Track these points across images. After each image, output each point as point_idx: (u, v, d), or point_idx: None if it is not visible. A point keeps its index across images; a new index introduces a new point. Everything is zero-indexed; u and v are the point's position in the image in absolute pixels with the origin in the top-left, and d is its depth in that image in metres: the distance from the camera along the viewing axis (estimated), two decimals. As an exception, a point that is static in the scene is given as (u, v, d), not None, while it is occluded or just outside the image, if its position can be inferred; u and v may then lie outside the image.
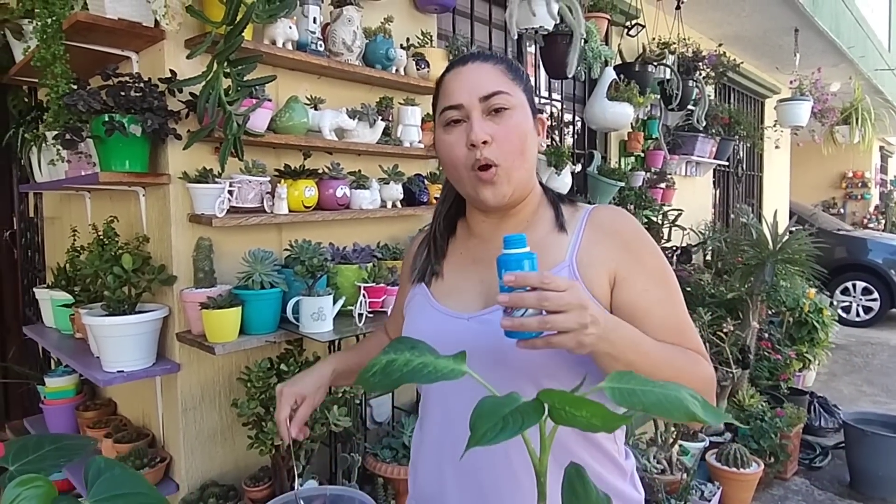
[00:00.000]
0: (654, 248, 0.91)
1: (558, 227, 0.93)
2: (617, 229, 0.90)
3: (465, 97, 0.88)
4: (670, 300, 0.88)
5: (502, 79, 0.89)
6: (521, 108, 0.90)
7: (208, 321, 1.57)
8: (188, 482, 1.75)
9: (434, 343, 0.96)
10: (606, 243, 0.89)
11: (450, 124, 0.90)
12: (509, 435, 0.45)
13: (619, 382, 0.52)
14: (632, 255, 0.88)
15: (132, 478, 0.75)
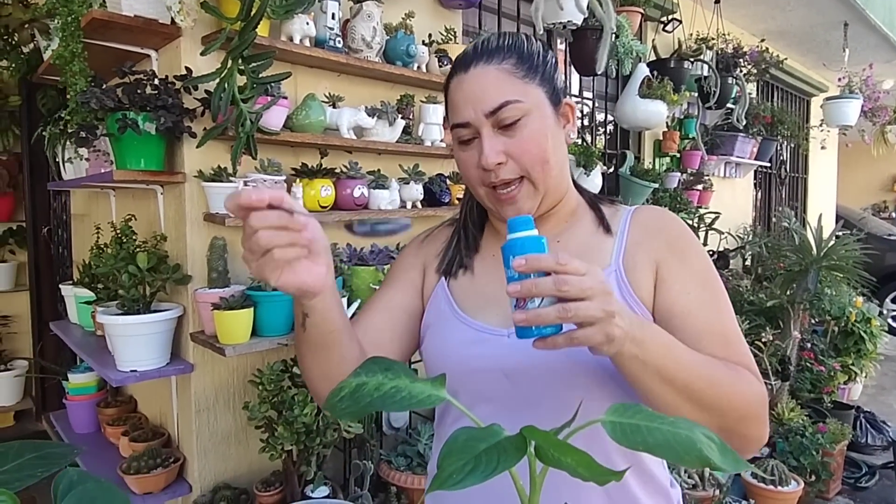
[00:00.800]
0: (699, 249, 0.83)
1: (603, 229, 0.85)
2: (661, 227, 0.84)
3: (471, 114, 0.78)
4: (715, 304, 0.79)
5: (510, 82, 0.78)
6: (538, 108, 0.79)
7: (220, 322, 1.55)
8: (201, 483, 1.73)
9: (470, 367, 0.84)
10: (650, 243, 0.82)
11: (462, 142, 0.81)
12: (479, 478, 0.38)
13: (622, 416, 0.45)
14: (675, 254, 0.81)
15: (106, 491, 0.71)
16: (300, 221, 0.60)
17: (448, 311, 0.88)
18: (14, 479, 0.72)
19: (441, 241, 0.96)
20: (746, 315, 3.39)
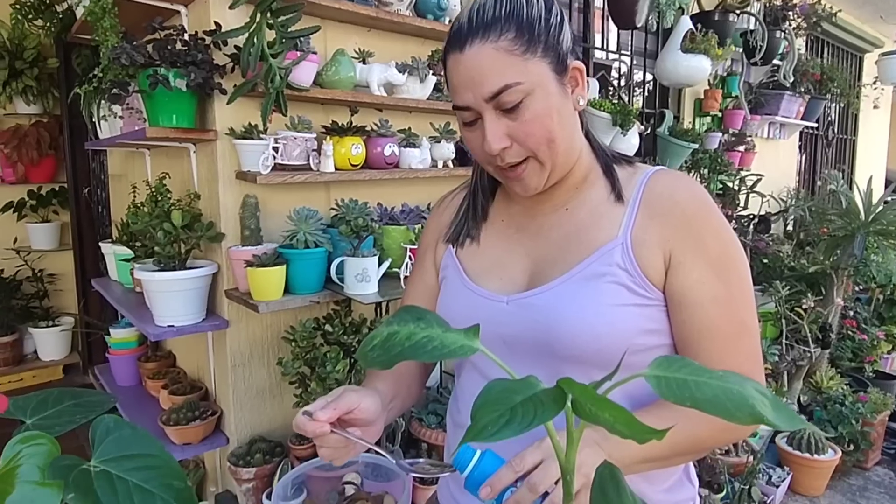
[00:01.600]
0: (719, 227, 0.76)
1: (615, 196, 0.80)
2: (677, 201, 0.76)
3: (471, 98, 0.73)
4: (730, 297, 0.74)
5: (509, 62, 0.71)
6: (541, 86, 0.73)
7: (253, 279, 1.56)
8: (237, 436, 1.78)
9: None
10: (663, 218, 0.76)
11: (466, 123, 0.77)
12: (516, 431, 0.37)
13: (667, 370, 0.43)
14: (691, 235, 0.75)
15: (142, 438, 0.72)
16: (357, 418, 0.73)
17: (455, 278, 0.88)
18: (54, 425, 0.74)
19: (455, 208, 0.95)
20: (787, 281, 3.29)
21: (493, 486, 0.62)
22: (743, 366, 0.73)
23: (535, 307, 0.78)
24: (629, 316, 0.74)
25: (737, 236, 0.79)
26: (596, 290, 0.75)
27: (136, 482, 0.67)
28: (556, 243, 0.81)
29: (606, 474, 0.45)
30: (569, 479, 0.47)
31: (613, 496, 0.44)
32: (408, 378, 0.91)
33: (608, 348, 0.73)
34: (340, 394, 0.74)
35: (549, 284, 0.78)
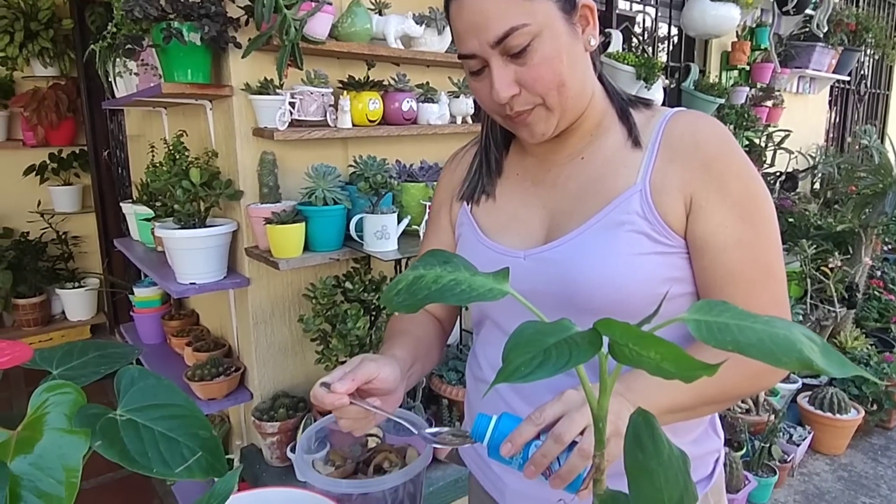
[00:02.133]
0: (742, 168, 0.73)
1: (632, 142, 0.77)
2: (698, 142, 0.73)
3: (475, 45, 0.70)
4: (754, 240, 0.72)
5: (512, 3, 0.68)
6: (548, 27, 0.69)
7: (272, 236, 1.56)
8: (261, 392, 1.81)
9: None
10: (683, 160, 0.73)
11: (473, 72, 0.74)
12: (549, 372, 0.35)
13: (708, 314, 0.40)
14: (712, 177, 0.71)
15: (167, 389, 0.72)
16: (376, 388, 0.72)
17: (471, 236, 0.86)
18: (79, 376, 0.75)
19: (468, 164, 0.92)
20: (813, 240, 3.22)
21: (514, 442, 0.61)
22: (769, 312, 0.71)
23: (553, 261, 0.76)
24: (650, 265, 0.72)
25: (761, 177, 0.75)
26: (615, 239, 0.73)
27: (162, 431, 0.68)
28: (573, 194, 0.79)
29: (641, 422, 0.44)
30: (601, 426, 0.46)
31: (649, 444, 0.43)
32: (427, 342, 0.90)
33: (630, 299, 0.71)
34: (359, 363, 0.72)
35: (567, 237, 0.76)
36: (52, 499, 0.58)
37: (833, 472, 2.65)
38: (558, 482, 0.60)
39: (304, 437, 1.01)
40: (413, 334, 0.89)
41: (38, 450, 0.60)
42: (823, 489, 2.53)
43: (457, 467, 1.69)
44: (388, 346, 0.85)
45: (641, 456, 0.42)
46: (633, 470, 0.42)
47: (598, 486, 0.47)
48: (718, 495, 0.85)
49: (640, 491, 0.42)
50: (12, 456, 0.58)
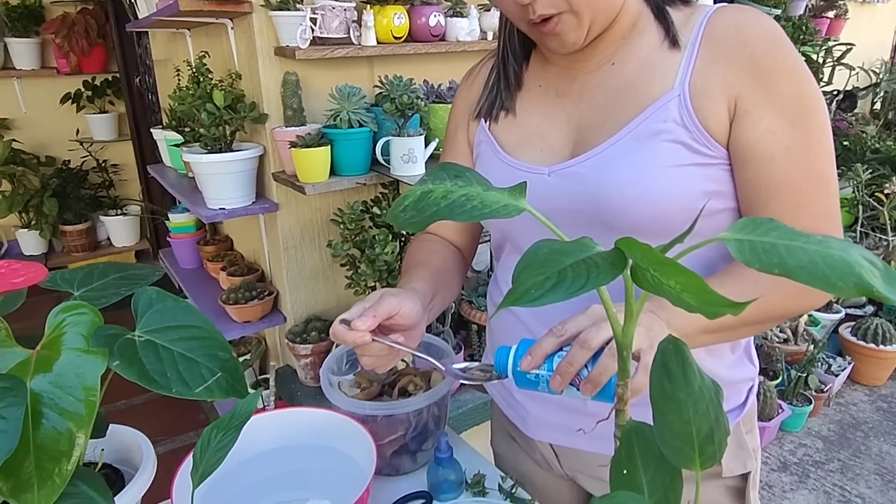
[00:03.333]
0: (794, 67, 0.65)
1: (669, 42, 0.69)
2: (744, 39, 0.65)
3: None
4: (805, 147, 0.65)
5: None
6: None
7: (298, 160, 1.53)
8: (294, 315, 1.84)
9: None
10: (728, 60, 0.65)
11: None
12: (563, 295, 0.32)
13: (752, 233, 0.36)
14: (760, 77, 0.64)
15: (186, 310, 0.72)
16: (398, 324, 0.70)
17: (490, 153, 0.80)
18: (99, 297, 0.75)
19: (484, 79, 0.84)
20: (869, 164, 3.02)
21: (534, 354, 0.58)
22: (819, 226, 0.65)
23: (580, 176, 0.71)
24: (689, 177, 0.66)
25: (814, 78, 0.67)
26: (650, 150, 0.67)
27: (181, 352, 0.68)
28: (602, 104, 0.72)
29: (670, 349, 0.40)
30: (625, 354, 0.43)
31: (678, 373, 0.39)
32: (446, 273, 0.87)
33: (666, 215, 0.66)
34: (378, 298, 0.70)
35: (596, 150, 0.70)
36: (72, 416, 0.59)
37: (872, 402, 2.60)
38: (589, 387, 0.57)
39: (329, 359, 1.02)
40: (432, 265, 0.85)
41: (56, 369, 0.60)
42: (860, 419, 2.50)
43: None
44: (407, 278, 0.82)
45: (669, 386, 0.39)
46: (660, 400, 0.39)
47: (620, 417, 0.45)
48: (750, 424, 0.83)
49: (667, 423, 0.39)
50: (32, 374, 0.59)
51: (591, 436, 0.75)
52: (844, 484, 2.15)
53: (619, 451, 0.43)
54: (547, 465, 0.90)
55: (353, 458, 0.88)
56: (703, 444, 0.38)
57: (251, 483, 0.89)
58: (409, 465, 0.94)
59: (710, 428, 0.38)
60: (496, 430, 1.01)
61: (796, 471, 2.22)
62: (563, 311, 0.77)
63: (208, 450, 0.61)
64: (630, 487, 0.41)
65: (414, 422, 0.92)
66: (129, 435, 0.82)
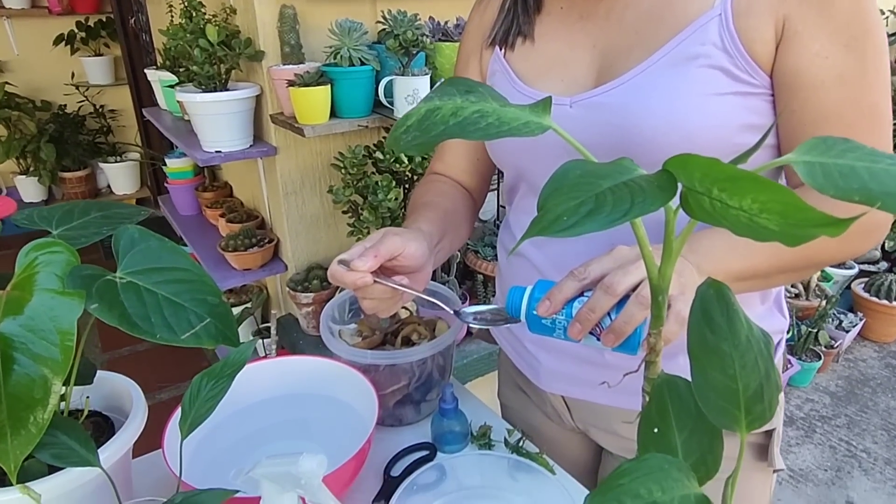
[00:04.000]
0: None
1: None
2: None
3: None
4: (860, 75, 0.58)
5: None
6: None
7: (297, 100, 1.45)
8: (295, 263, 1.79)
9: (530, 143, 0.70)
10: None
11: None
12: (602, 223, 0.26)
13: (825, 154, 0.29)
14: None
15: (171, 251, 0.66)
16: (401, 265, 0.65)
17: (505, 84, 0.72)
18: (79, 237, 0.69)
19: (499, 2, 0.76)
20: None
21: (553, 298, 0.52)
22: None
23: (607, 106, 0.64)
24: (728, 108, 0.59)
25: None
26: (685, 77, 0.59)
27: (166, 295, 0.62)
28: (631, 26, 0.65)
29: (712, 294, 0.35)
30: (661, 299, 0.37)
31: (722, 322, 0.34)
32: (455, 216, 0.81)
33: (703, 151, 0.59)
34: (381, 237, 0.64)
35: (624, 77, 0.63)
36: (46, 362, 0.54)
37: (881, 359, 2.58)
38: (612, 337, 0.52)
39: (329, 306, 0.97)
40: (440, 206, 0.79)
41: (28, 311, 0.55)
42: (869, 375, 2.48)
43: (491, 342, 1.67)
44: (413, 218, 0.76)
45: (712, 336, 0.33)
46: (700, 354, 0.34)
47: (651, 370, 0.40)
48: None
49: (707, 378, 0.33)
50: (1, 317, 0.54)
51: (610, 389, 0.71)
52: (850, 439, 2.14)
53: (649, 407, 0.38)
54: (557, 417, 0.87)
55: (354, 407, 0.85)
56: (750, 403, 0.33)
57: (249, 432, 0.86)
58: (412, 416, 0.91)
59: (760, 384, 0.33)
60: (504, 381, 0.98)
61: (802, 425, 2.21)
62: (581, 254, 0.71)
63: (198, 399, 0.56)
64: (662, 448, 0.37)
65: (418, 372, 0.88)
66: (120, 382, 0.78)
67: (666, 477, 0.32)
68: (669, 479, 0.32)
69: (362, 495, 0.79)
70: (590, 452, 0.91)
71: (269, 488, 0.46)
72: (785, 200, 0.23)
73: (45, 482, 0.59)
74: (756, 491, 0.79)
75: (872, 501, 1.88)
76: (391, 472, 0.82)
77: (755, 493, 0.79)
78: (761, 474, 0.78)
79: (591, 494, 0.31)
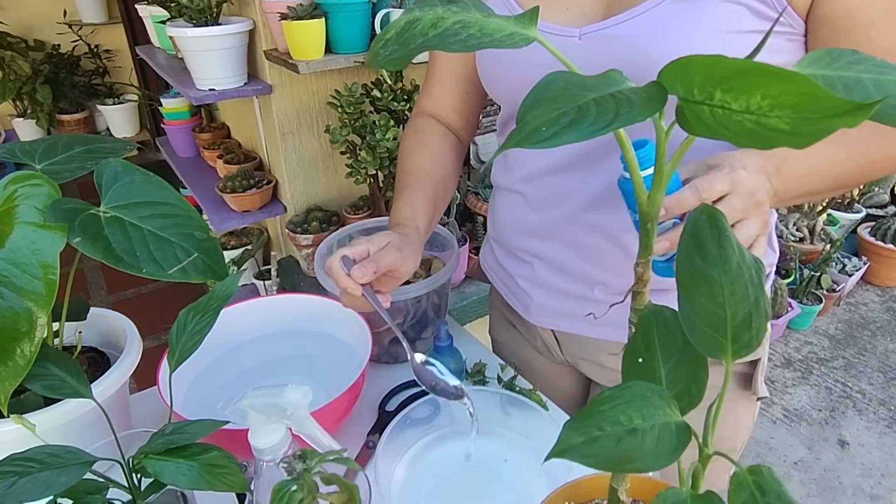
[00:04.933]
0: None
1: None
2: None
3: None
4: None
5: None
6: None
7: (290, 34, 1.40)
8: (294, 205, 1.78)
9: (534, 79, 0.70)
10: None
11: None
12: (583, 134, 0.24)
13: (828, 66, 0.27)
14: None
15: (157, 186, 0.65)
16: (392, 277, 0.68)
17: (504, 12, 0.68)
18: (63, 171, 0.67)
19: None
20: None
21: (670, 209, 0.49)
22: None
23: (619, 40, 0.60)
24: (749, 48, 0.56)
25: None
26: (705, 11, 0.56)
27: (152, 230, 0.61)
28: None
29: (704, 220, 0.33)
30: (649, 227, 0.36)
31: (713, 248, 0.32)
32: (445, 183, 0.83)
33: None
34: (384, 247, 0.68)
35: (638, 8, 0.59)
36: (30, 295, 0.53)
37: (883, 303, 2.58)
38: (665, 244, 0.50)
39: (322, 245, 0.96)
40: (433, 178, 0.80)
41: (9, 245, 0.54)
42: (869, 318, 2.48)
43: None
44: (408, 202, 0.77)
45: (701, 262, 0.32)
46: (688, 280, 0.33)
47: (638, 300, 0.39)
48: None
49: (695, 306, 0.32)
50: (-19, 250, 0.53)
51: (598, 322, 0.71)
52: (847, 380, 2.16)
53: (635, 337, 0.38)
54: (547, 351, 0.87)
55: (349, 344, 0.85)
56: (737, 331, 0.32)
57: (245, 369, 0.87)
58: (407, 353, 0.91)
59: (748, 311, 0.32)
60: (495, 318, 0.98)
61: (800, 367, 2.24)
62: (574, 190, 0.69)
63: (185, 333, 0.56)
64: (646, 378, 0.36)
65: (412, 310, 0.87)
66: (115, 319, 0.78)
67: (647, 405, 0.32)
68: (650, 406, 0.32)
69: (358, 429, 0.80)
70: (579, 385, 0.92)
71: (256, 419, 0.46)
72: (800, 90, 0.21)
73: (39, 414, 0.60)
74: (740, 418, 0.81)
75: (864, 439, 1.92)
76: (386, 407, 0.83)
77: (739, 420, 0.81)
78: (745, 402, 0.80)
79: (570, 421, 0.31)
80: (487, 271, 0.91)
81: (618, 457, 0.30)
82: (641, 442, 0.30)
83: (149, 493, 0.51)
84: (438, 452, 0.74)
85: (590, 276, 0.72)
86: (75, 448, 0.49)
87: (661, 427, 0.31)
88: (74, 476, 0.47)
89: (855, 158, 0.59)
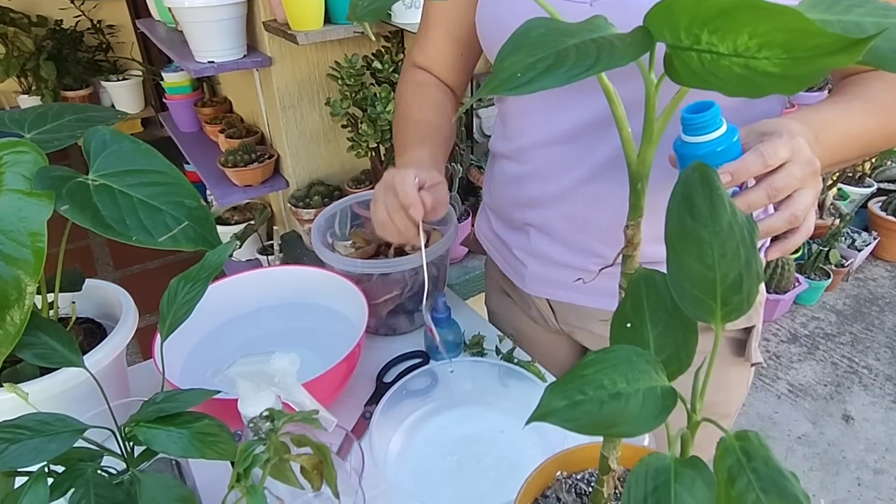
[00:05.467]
0: None
1: None
2: None
3: None
4: None
5: None
6: None
7: (288, 4, 1.37)
8: (296, 179, 1.77)
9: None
10: None
11: None
12: (560, 79, 0.23)
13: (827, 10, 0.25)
14: None
15: (146, 153, 0.64)
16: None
17: None
18: (52, 139, 0.67)
19: None
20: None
21: (737, 175, 0.48)
22: None
23: (631, 6, 0.57)
24: None
25: None
26: None
27: (141, 198, 0.60)
28: None
29: (696, 178, 0.32)
30: (639, 188, 0.34)
31: (703, 207, 0.31)
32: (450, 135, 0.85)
33: None
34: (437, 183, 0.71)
35: None
36: (18, 263, 0.53)
37: (892, 278, 2.55)
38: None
39: (320, 217, 0.96)
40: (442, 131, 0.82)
41: (-5, 212, 0.54)
42: (878, 294, 2.45)
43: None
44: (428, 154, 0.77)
45: (691, 222, 0.31)
46: (677, 240, 0.31)
47: (628, 264, 0.37)
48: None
49: (684, 267, 0.31)
50: (-33, 217, 0.53)
51: (591, 290, 0.69)
52: (853, 356, 2.15)
53: (624, 302, 0.37)
54: (543, 320, 0.87)
55: (347, 316, 0.85)
56: (727, 293, 0.31)
57: (243, 340, 0.86)
58: (405, 326, 0.91)
59: (739, 273, 0.31)
60: (491, 288, 0.98)
61: (806, 342, 2.22)
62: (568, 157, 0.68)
63: (175, 301, 0.56)
64: (634, 342, 0.35)
65: (410, 281, 0.87)
66: (111, 290, 0.78)
67: (632, 369, 0.31)
68: (636, 370, 0.31)
69: (355, 399, 0.80)
70: (575, 354, 0.91)
71: (245, 386, 0.45)
72: (790, 26, 0.20)
73: (33, 384, 0.60)
74: (733, 383, 0.81)
75: (869, 414, 1.91)
76: (384, 378, 0.83)
77: (732, 385, 0.81)
78: (739, 367, 0.79)
79: (552, 384, 0.30)
80: (483, 241, 0.90)
81: (601, 421, 0.29)
82: (625, 406, 0.29)
83: (142, 461, 0.51)
84: (434, 423, 0.74)
85: (587, 247, 0.71)
86: (66, 416, 0.49)
87: (645, 391, 0.30)
88: (65, 443, 0.47)
89: (884, 126, 0.58)
